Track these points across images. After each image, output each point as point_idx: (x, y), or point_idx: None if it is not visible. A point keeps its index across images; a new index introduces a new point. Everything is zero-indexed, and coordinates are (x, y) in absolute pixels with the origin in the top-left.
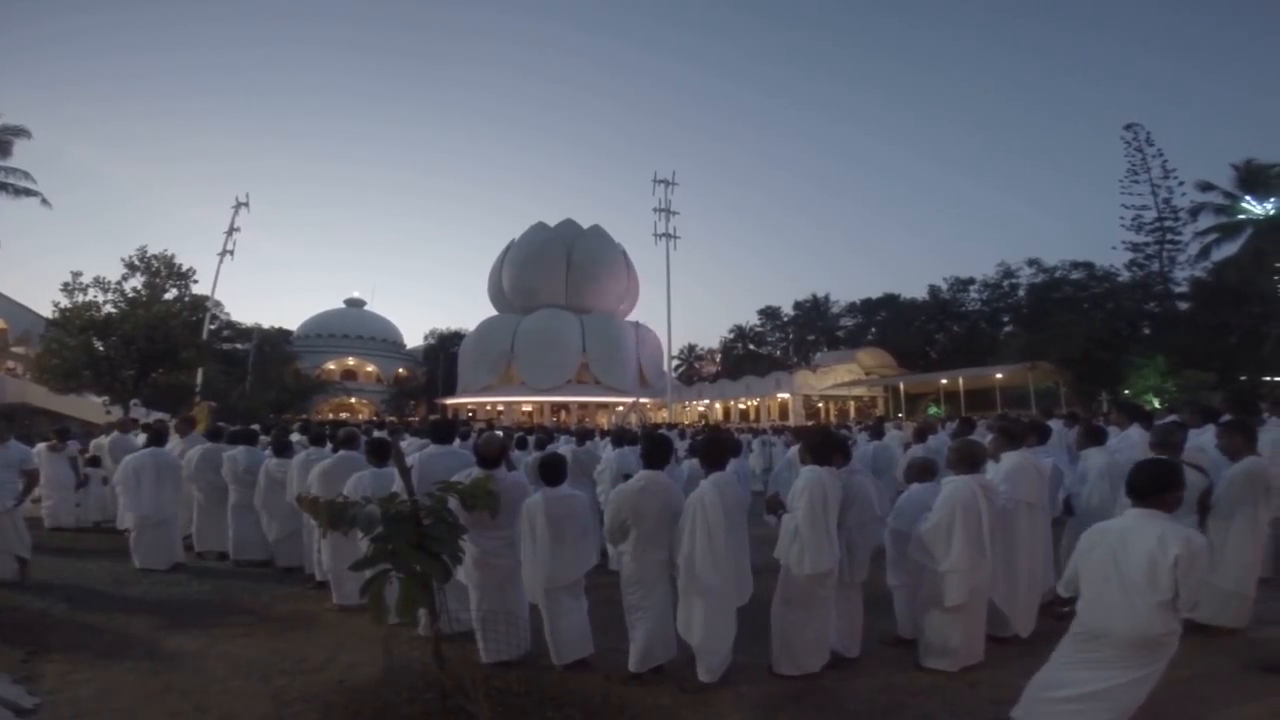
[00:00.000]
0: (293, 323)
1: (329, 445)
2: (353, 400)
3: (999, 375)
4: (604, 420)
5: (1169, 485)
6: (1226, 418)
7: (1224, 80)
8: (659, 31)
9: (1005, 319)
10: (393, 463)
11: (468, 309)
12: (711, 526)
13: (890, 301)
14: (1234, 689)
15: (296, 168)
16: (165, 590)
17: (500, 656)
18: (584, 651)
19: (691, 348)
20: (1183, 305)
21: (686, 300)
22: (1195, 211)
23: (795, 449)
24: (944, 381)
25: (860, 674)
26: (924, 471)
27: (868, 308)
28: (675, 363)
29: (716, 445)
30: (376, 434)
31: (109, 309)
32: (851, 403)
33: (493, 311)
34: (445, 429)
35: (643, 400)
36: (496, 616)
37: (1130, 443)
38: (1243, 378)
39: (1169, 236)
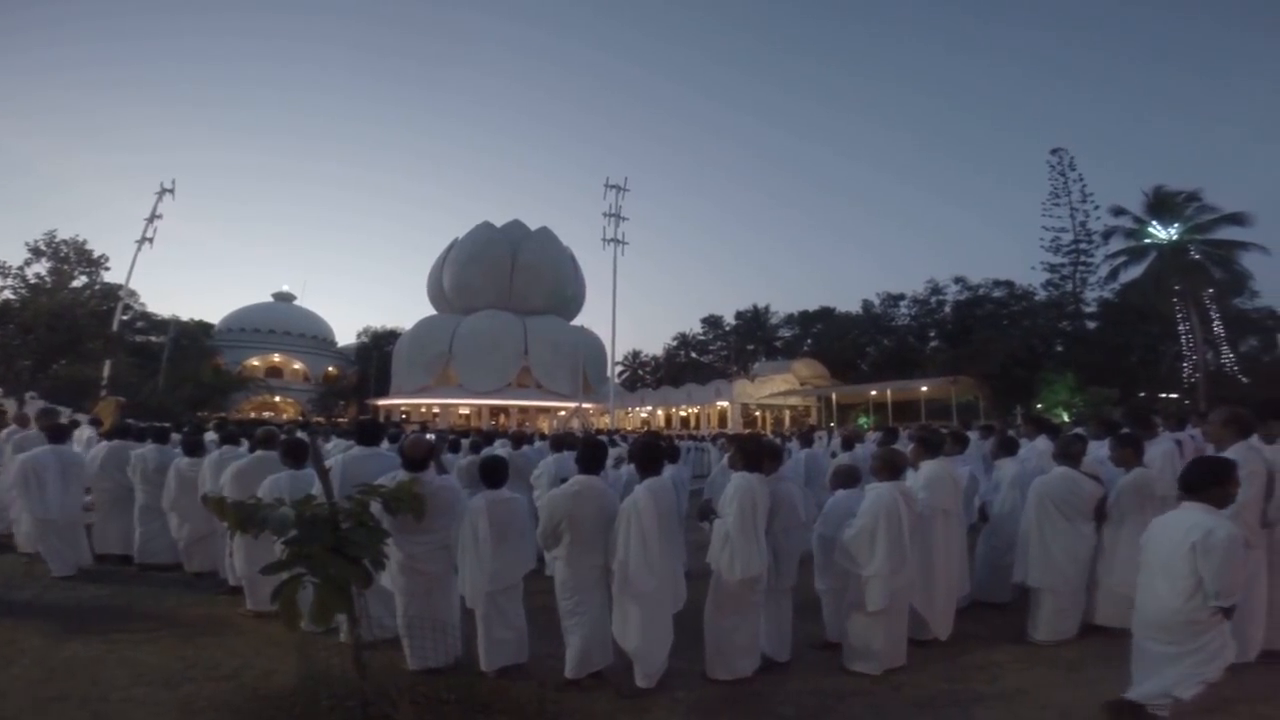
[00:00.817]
0: (218, 317)
1: (245, 445)
2: (277, 399)
3: (924, 388)
4: (545, 425)
5: (1216, 480)
6: (1125, 431)
7: (1148, 109)
8: (618, 35)
9: (932, 334)
10: (311, 464)
11: (405, 308)
12: (646, 532)
13: (826, 314)
14: None
15: (230, 159)
16: (59, 595)
17: (428, 663)
18: (517, 658)
19: (636, 354)
20: (1091, 325)
21: (633, 306)
22: (1107, 235)
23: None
24: (873, 393)
25: (790, 678)
26: (848, 478)
27: (805, 319)
28: (619, 369)
29: (650, 450)
30: (298, 434)
31: (7, 294)
32: (787, 412)
33: (431, 311)
34: (371, 430)
35: (585, 406)
36: (424, 623)
37: (1038, 453)
38: (1141, 394)
39: (1083, 258)
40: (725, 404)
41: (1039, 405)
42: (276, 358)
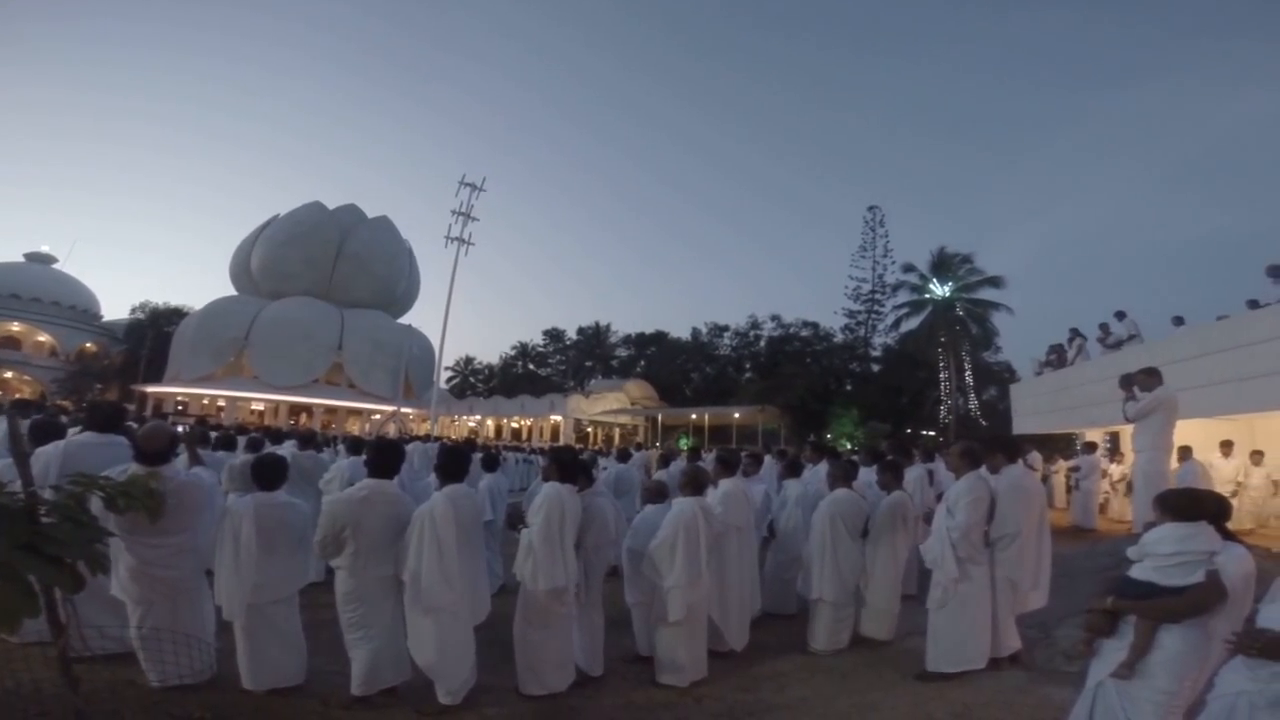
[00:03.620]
0: None
1: None
2: (9, 375)
3: (737, 415)
4: (355, 428)
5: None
6: (889, 458)
7: (947, 175)
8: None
9: (748, 365)
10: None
11: (199, 286)
12: (443, 541)
13: (660, 338)
14: (899, 696)
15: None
16: None
17: (173, 680)
18: (293, 679)
19: (469, 360)
20: (875, 367)
21: (473, 311)
22: (896, 288)
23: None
24: (694, 416)
25: (604, 692)
26: (657, 494)
27: (641, 341)
28: (448, 374)
29: (453, 457)
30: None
31: None
32: (617, 429)
33: (231, 292)
34: (108, 415)
35: (405, 410)
36: (165, 635)
37: (819, 476)
38: (908, 430)
39: (875, 307)
40: (559, 418)
41: (829, 435)
42: (15, 327)
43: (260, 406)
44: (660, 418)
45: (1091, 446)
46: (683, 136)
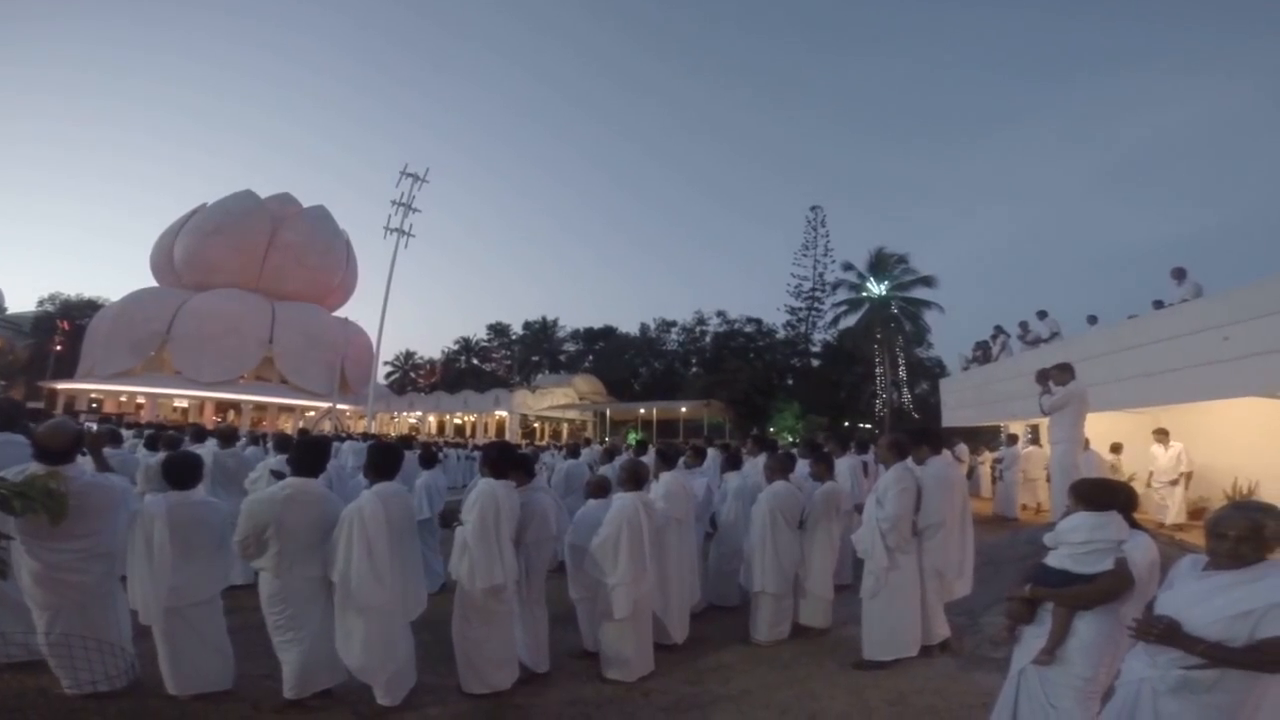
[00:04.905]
0: None
1: None
2: None
3: (684, 409)
4: (289, 425)
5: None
6: (823, 450)
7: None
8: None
9: (694, 361)
10: None
11: (116, 279)
12: (372, 540)
13: (609, 333)
14: (837, 685)
15: None
16: None
17: (88, 688)
18: (219, 684)
19: (409, 355)
20: (815, 362)
21: (414, 305)
22: (835, 286)
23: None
24: (642, 411)
25: (550, 688)
26: (599, 489)
27: (589, 336)
28: (388, 369)
29: (383, 454)
30: None
31: None
32: (565, 425)
33: (152, 284)
34: (4, 412)
35: (341, 407)
36: (77, 642)
37: (759, 469)
38: (846, 423)
39: (816, 305)
40: (504, 414)
41: (772, 429)
42: None
43: (184, 404)
44: (608, 413)
45: (1013, 439)
46: (631, 132)
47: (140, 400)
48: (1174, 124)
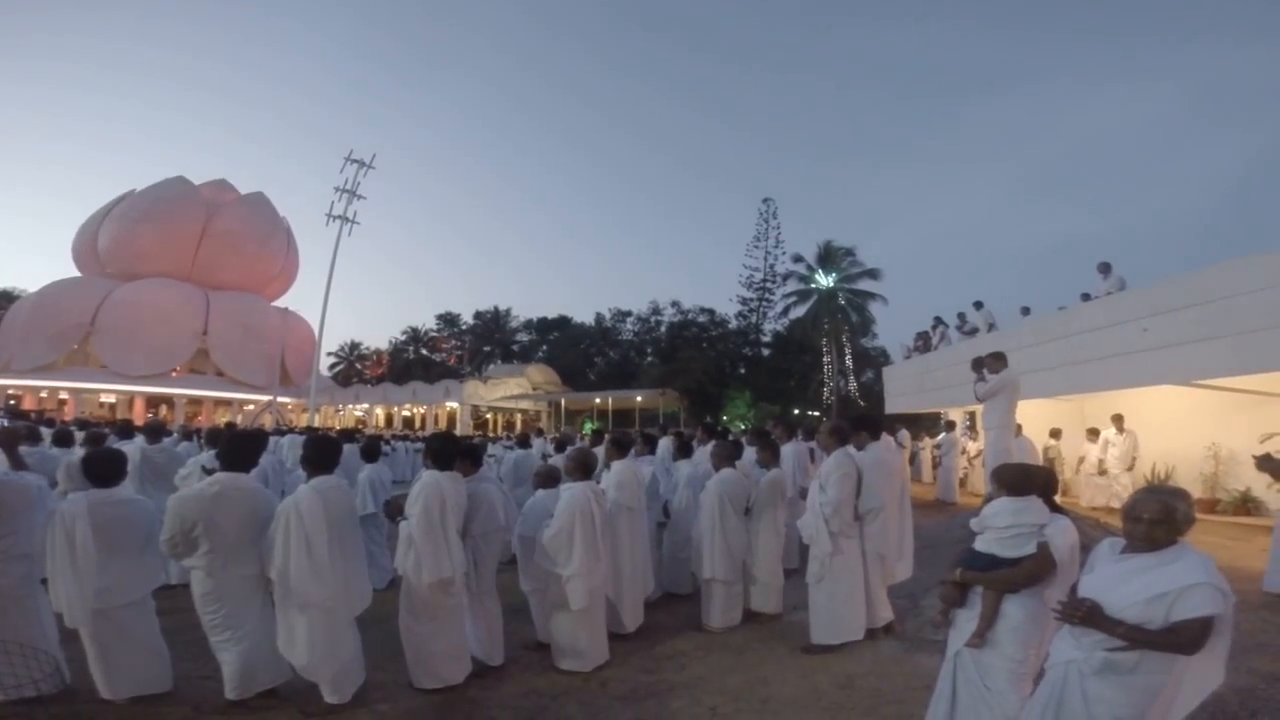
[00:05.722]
0: None
1: None
2: None
3: (639, 399)
4: (226, 420)
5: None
6: (769, 437)
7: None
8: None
9: (649, 350)
10: None
11: (34, 267)
12: (310, 536)
13: (563, 323)
14: (788, 669)
15: None
16: None
17: (14, 693)
18: (157, 686)
19: (355, 345)
20: (766, 352)
21: (361, 295)
22: (785, 277)
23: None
24: (598, 401)
25: (504, 681)
26: (548, 479)
27: (543, 326)
28: (332, 360)
29: (320, 447)
30: None
31: None
32: (519, 415)
33: (75, 273)
34: None
35: (283, 400)
36: (4, 646)
37: (708, 456)
38: (796, 411)
39: (766, 296)
40: (454, 405)
41: (725, 417)
42: None
43: (111, 399)
44: (563, 402)
45: (951, 425)
46: (585, 121)
47: (63, 396)
48: (1104, 127)
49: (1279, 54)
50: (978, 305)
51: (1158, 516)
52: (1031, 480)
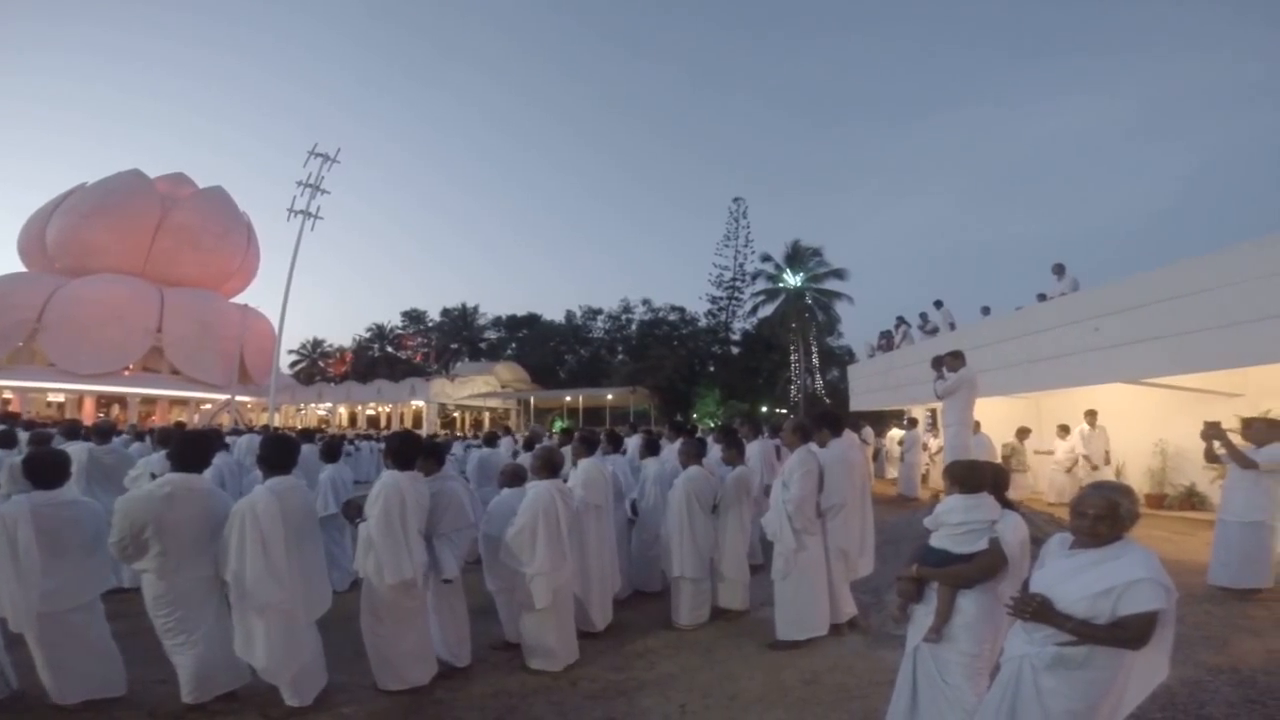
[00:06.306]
0: None
1: None
2: None
3: (610, 396)
4: (183, 420)
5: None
6: (735, 434)
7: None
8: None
9: (620, 348)
10: None
11: None
12: (267, 537)
13: (533, 320)
14: (755, 666)
15: None
16: None
17: None
18: (108, 690)
19: (318, 343)
20: (735, 350)
21: (325, 291)
22: (754, 276)
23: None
24: (568, 399)
25: (472, 681)
26: (514, 478)
27: (512, 323)
28: (294, 358)
29: (276, 447)
30: None
31: None
32: (487, 414)
33: (20, 268)
34: None
35: (242, 399)
36: None
37: (674, 453)
38: (764, 408)
39: (735, 294)
40: (421, 403)
41: (695, 415)
42: None
43: (60, 398)
44: (533, 400)
45: (914, 422)
46: (556, 116)
47: (8, 395)
48: (1059, 135)
49: (1224, 64)
50: (938, 305)
51: (1102, 512)
52: (981, 476)
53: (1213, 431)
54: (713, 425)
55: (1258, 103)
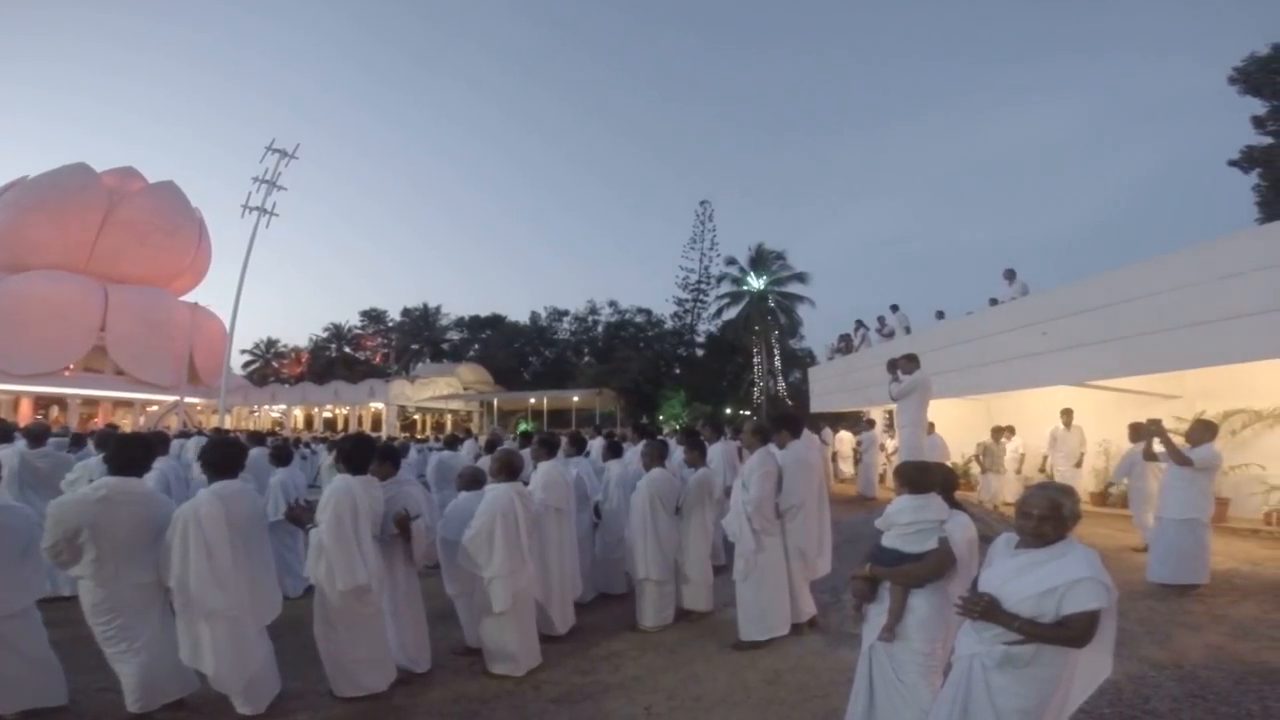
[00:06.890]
0: None
1: None
2: None
3: (575, 398)
4: (128, 422)
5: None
6: (697, 436)
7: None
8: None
9: (586, 350)
10: None
11: None
12: (211, 542)
13: (497, 321)
14: (718, 666)
15: None
16: None
17: None
18: (45, 699)
19: (272, 343)
20: (700, 352)
21: (280, 290)
22: (719, 279)
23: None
24: (532, 401)
25: (432, 686)
26: (472, 481)
27: (475, 324)
28: (247, 359)
29: (221, 450)
30: None
31: None
32: (449, 416)
33: None
34: None
35: (191, 400)
36: None
37: (637, 456)
38: (728, 410)
39: (701, 297)
40: (380, 405)
41: (660, 416)
42: None
43: None
44: (496, 402)
45: (871, 424)
46: (519, 114)
47: None
48: (1013, 141)
49: (1179, 71)
50: (894, 308)
51: (1046, 512)
52: (930, 477)
53: (1154, 429)
54: (677, 427)
55: (1211, 110)
